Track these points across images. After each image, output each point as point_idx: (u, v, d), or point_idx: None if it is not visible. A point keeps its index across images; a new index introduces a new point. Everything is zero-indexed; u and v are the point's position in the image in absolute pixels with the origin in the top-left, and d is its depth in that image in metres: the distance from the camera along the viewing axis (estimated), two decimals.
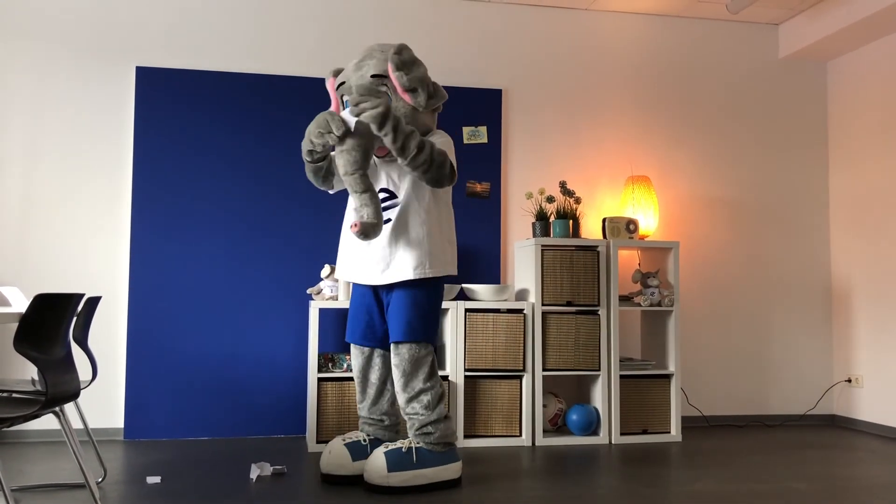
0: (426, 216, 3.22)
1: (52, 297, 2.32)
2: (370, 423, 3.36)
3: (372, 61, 3.17)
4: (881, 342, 4.64)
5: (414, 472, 3.10)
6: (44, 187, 4.22)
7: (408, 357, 3.19)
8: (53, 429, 4.12)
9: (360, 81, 3.14)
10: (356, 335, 3.34)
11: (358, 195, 3.00)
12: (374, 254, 3.20)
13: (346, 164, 3.00)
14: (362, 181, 3.02)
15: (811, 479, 3.37)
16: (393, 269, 3.18)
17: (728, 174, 4.99)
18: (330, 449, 3.24)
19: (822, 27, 4.69)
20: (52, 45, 4.26)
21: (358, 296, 3.35)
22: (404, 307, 3.20)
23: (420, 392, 3.18)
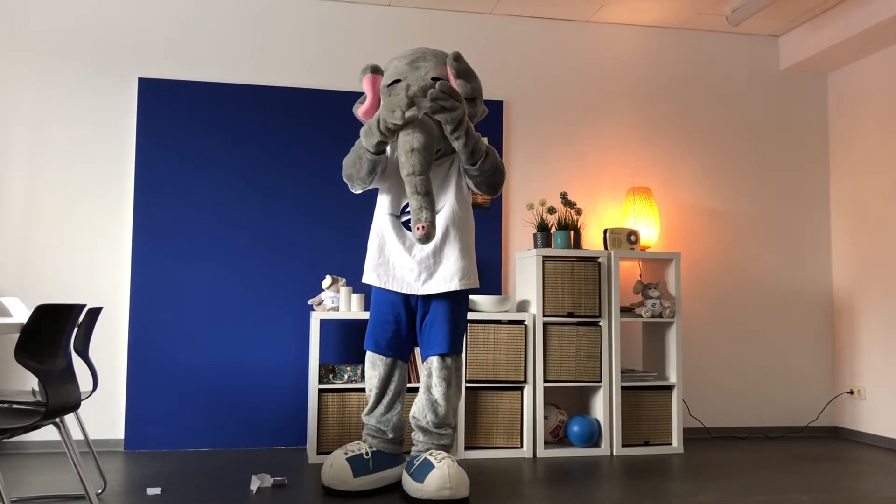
0: (466, 227, 3.24)
1: (53, 308, 2.32)
2: (375, 435, 3.29)
3: (427, 63, 3.13)
4: (884, 353, 4.63)
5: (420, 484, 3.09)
6: (46, 198, 4.23)
7: (454, 368, 3.22)
8: (54, 440, 4.11)
9: (422, 83, 3.08)
10: (381, 345, 3.26)
11: (421, 197, 2.93)
12: (417, 262, 3.17)
13: (417, 164, 2.94)
14: (428, 182, 2.97)
15: (814, 492, 3.35)
16: (439, 280, 3.17)
17: (729, 185, 5.00)
18: (332, 462, 3.17)
19: (822, 39, 4.71)
20: (54, 57, 4.28)
21: (387, 304, 3.27)
22: (448, 318, 3.19)
23: (456, 404, 3.26)
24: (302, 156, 4.45)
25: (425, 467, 3.06)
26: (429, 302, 3.22)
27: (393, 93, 3.13)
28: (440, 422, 3.21)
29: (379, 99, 3.21)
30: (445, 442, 3.24)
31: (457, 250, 3.19)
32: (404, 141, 2.98)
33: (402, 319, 3.26)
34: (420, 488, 3.00)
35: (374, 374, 3.28)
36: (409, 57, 3.17)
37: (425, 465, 3.07)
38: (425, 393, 3.24)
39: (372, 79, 3.21)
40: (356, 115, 3.29)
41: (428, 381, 3.23)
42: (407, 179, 2.97)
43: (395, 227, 3.22)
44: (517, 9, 4.70)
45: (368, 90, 3.22)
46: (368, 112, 3.25)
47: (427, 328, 3.23)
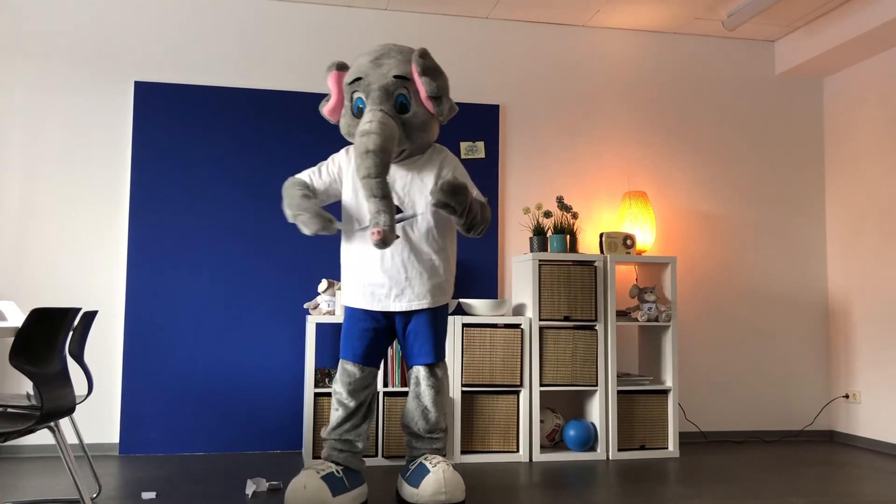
0: (441, 238, 3.16)
1: (48, 312, 2.31)
2: (343, 449, 3.09)
3: (391, 60, 3.04)
4: (879, 358, 4.64)
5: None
6: (42, 201, 4.22)
7: (442, 376, 3.19)
8: (48, 444, 4.10)
9: (383, 81, 3.00)
10: (359, 354, 3.14)
11: (378, 200, 2.85)
12: (389, 277, 3.07)
13: (373, 166, 2.84)
14: (385, 185, 2.87)
15: (810, 496, 3.35)
16: (411, 297, 3.09)
17: (725, 189, 5.01)
18: (304, 483, 2.86)
19: (818, 44, 4.72)
20: (50, 61, 4.28)
21: (364, 317, 3.16)
22: (431, 330, 3.15)
23: (446, 408, 3.23)
24: (298, 160, 4.44)
25: (421, 472, 3.01)
26: (410, 316, 3.15)
27: (358, 90, 3.04)
28: (432, 427, 3.17)
29: (342, 97, 3.13)
30: (439, 446, 3.20)
31: (429, 266, 3.11)
32: (360, 142, 2.88)
33: (382, 328, 3.17)
34: (416, 493, 2.97)
35: (349, 385, 3.12)
36: (373, 54, 3.08)
37: (420, 469, 3.03)
38: (414, 401, 3.18)
39: (337, 76, 3.14)
40: (323, 113, 3.22)
41: (416, 389, 3.18)
42: (363, 182, 2.88)
43: (366, 242, 3.09)
44: (514, 13, 4.71)
45: (333, 88, 3.14)
46: (334, 110, 3.18)
47: (411, 338, 3.16)
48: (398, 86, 3.02)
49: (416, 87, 3.06)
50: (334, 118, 3.22)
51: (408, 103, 3.05)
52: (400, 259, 3.08)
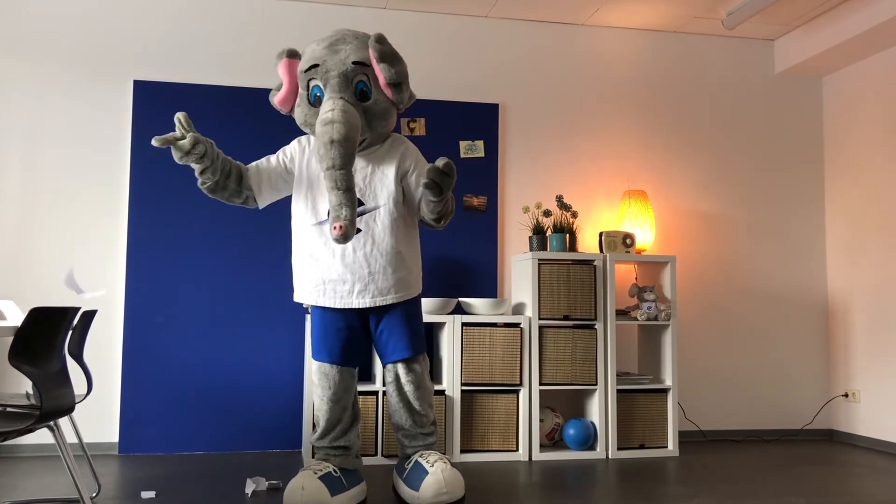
0: (405, 230, 3.04)
1: (47, 311, 2.31)
2: (337, 455, 3.05)
3: (348, 46, 2.91)
4: (878, 357, 4.64)
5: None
6: (40, 200, 4.21)
7: (421, 370, 3.09)
8: (48, 443, 4.10)
9: (342, 68, 2.86)
10: (336, 354, 3.02)
11: (342, 193, 2.70)
12: (351, 273, 2.94)
13: (338, 156, 2.70)
14: (350, 178, 2.73)
15: (809, 495, 3.35)
16: (374, 292, 2.96)
17: (724, 189, 5.01)
18: (302, 484, 2.81)
19: (817, 43, 4.72)
20: (49, 59, 4.27)
21: (333, 316, 3.04)
22: (405, 323, 3.05)
23: (431, 400, 3.15)
24: None
25: (418, 472, 2.95)
26: (382, 312, 3.04)
27: (315, 77, 2.89)
28: (420, 423, 3.12)
29: (296, 86, 2.98)
30: (431, 440, 3.14)
31: (393, 260, 2.97)
32: (323, 132, 2.74)
33: (355, 327, 3.05)
34: (416, 496, 2.90)
35: (324, 386, 3.03)
36: (328, 40, 2.93)
37: (418, 469, 2.97)
38: (398, 400, 3.10)
39: (288, 63, 2.98)
40: (273, 103, 3.07)
41: (396, 387, 3.09)
42: (326, 174, 2.73)
43: (325, 237, 2.97)
44: (513, 12, 4.71)
45: (284, 76, 2.99)
46: (286, 100, 3.03)
47: (384, 334, 3.05)
48: (357, 72, 2.89)
49: (375, 74, 2.93)
50: (286, 108, 3.07)
51: (368, 90, 2.92)
52: (362, 253, 2.94)
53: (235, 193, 2.99)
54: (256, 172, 3.04)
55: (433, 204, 2.91)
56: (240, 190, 2.99)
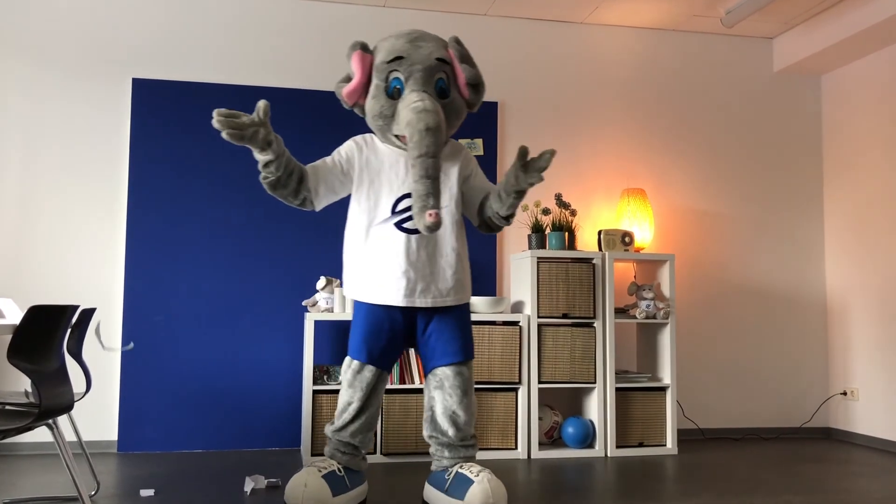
0: (461, 234, 3.05)
1: (46, 309, 2.31)
2: (346, 451, 2.99)
3: (429, 44, 2.91)
4: (877, 355, 4.65)
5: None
6: (39, 198, 4.21)
7: (469, 376, 3.03)
8: (47, 441, 4.09)
9: (428, 63, 2.86)
10: (375, 355, 2.96)
11: (431, 182, 2.68)
12: (416, 271, 2.91)
13: (432, 144, 2.70)
14: (439, 166, 2.72)
15: (807, 493, 3.36)
16: (436, 293, 2.95)
17: (723, 187, 5.01)
18: (305, 482, 2.80)
19: (816, 41, 4.72)
20: (48, 57, 4.27)
21: (382, 313, 2.98)
22: (457, 327, 3.01)
23: (475, 411, 3.07)
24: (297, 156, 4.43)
25: (462, 483, 2.87)
26: (431, 312, 2.99)
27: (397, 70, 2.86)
28: (464, 434, 3.02)
29: (369, 78, 2.94)
30: (472, 453, 3.04)
31: (453, 261, 2.98)
32: (417, 118, 2.72)
33: (399, 331, 3.00)
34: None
35: (358, 387, 2.96)
36: (407, 36, 2.93)
37: (461, 480, 2.89)
38: (440, 406, 3.01)
39: (361, 56, 2.92)
40: (340, 95, 2.98)
41: (441, 393, 3.00)
42: (417, 161, 2.69)
43: (388, 234, 2.93)
44: (512, 10, 4.71)
45: (357, 68, 2.92)
46: (354, 92, 2.95)
47: (434, 337, 3.00)
48: (439, 69, 2.89)
49: (456, 73, 2.96)
50: (351, 100, 2.98)
51: (447, 89, 2.93)
52: (425, 253, 2.93)
53: (294, 193, 2.92)
54: (314, 174, 2.98)
55: (507, 206, 2.94)
56: (299, 190, 2.92)
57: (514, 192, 2.91)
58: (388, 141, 3.00)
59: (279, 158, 2.80)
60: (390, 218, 2.95)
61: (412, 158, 2.73)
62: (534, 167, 2.84)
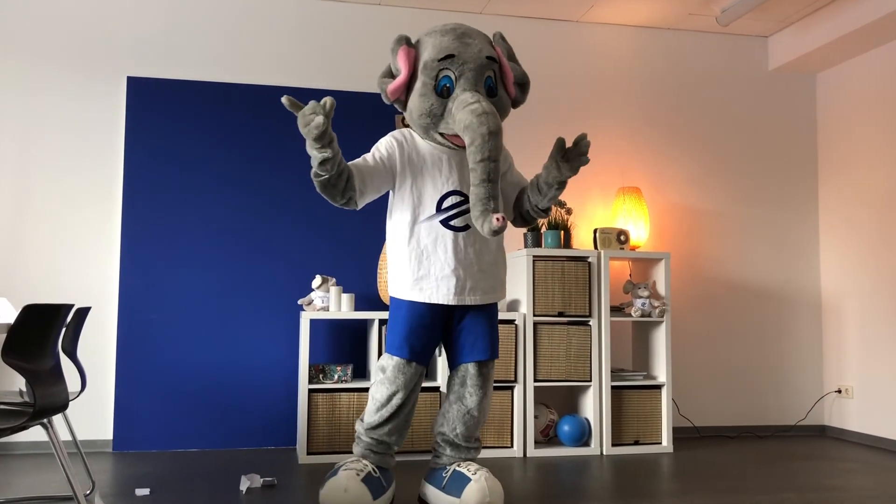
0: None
1: (40, 308, 2.30)
2: (378, 452, 2.96)
3: (477, 41, 2.85)
4: (871, 353, 4.66)
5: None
6: (34, 197, 4.20)
7: (491, 376, 3.03)
8: (41, 441, 4.09)
9: (479, 62, 2.81)
10: (417, 351, 2.92)
11: (492, 185, 2.67)
12: (465, 269, 2.90)
13: (494, 148, 2.68)
14: (498, 170, 2.71)
15: (802, 490, 3.37)
16: (486, 289, 2.96)
17: (718, 185, 5.02)
18: (345, 486, 2.76)
19: (811, 40, 4.73)
20: (42, 55, 4.25)
21: (426, 311, 2.94)
22: (490, 325, 3.00)
23: (487, 416, 3.06)
24: (293, 156, 4.44)
25: (460, 480, 2.88)
26: (468, 308, 2.98)
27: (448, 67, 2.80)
28: (470, 434, 3.00)
29: (414, 74, 2.85)
30: (473, 455, 3.04)
31: (494, 260, 3.00)
32: (479, 122, 2.67)
33: (437, 328, 2.97)
34: (458, 503, 2.85)
35: (399, 382, 2.90)
36: (453, 32, 2.85)
37: (458, 477, 2.89)
38: (457, 403, 2.99)
39: (408, 51, 2.84)
40: (385, 91, 2.88)
41: (461, 390, 2.98)
42: (479, 166, 2.66)
43: (435, 232, 2.90)
44: (508, 8, 4.71)
45: (403, 65, 2.83)
46: (400, 88, 2.86)
47: (464, 334, 2.98)
48: (489, 67, 2.84)
49: (504, 71, 2.91)
50: (395, 96, 2.89)
51: (494, 87, 2.88)
52: (472, 250, 2.92)
53: (342, 193, 2.79)
54: (358, 173, 2.85)
55: (557, 192, 2.91)
56: (346, 189, 2.80)
57: (556, 183, 2.89)
58: (430, 138, 2.94)
59: (335, 157, 2.69)
60: (436, 215, 2.91)
61: (473, 162, 2.69)
62: (575, 153, 2.83)
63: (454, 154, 2.94)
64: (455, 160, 2.94)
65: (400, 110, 2.99)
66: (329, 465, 3.80)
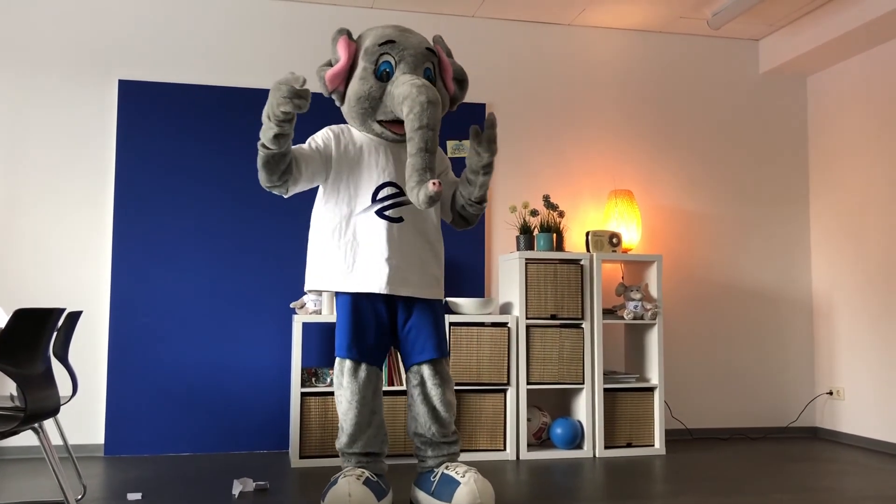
0: (438, 229, 3.06)
1: (31, 312, 2.29)
2: (369, 461, 2.95)
3: (417, 35, 2.93)
4: (862, 354, 4.68)
5: None
6: (25, 201, 4.18)
7: (446, 372, 3.02)
8: (32, 445, 4.07)
9: (419, 49, 2.87)
10: (364, 352, 2.91)
11: (430, 156, 2.67)
12: (402, 258, 2.89)
13: (433, 117, 2.68)
14: (437, 141, 2.71)
15: (794, 492, 3.38)
16: (422, 284, 2.93)
17: (710, 188, 5.03)
18: (349, 492, 2.74)
19: (801, 43, 4.75)
20: (33, 58, 4.24)
21: (366, 306, 2.94)
22: (434, 323, 2.99)
23: (454, 409, 3.04)
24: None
25: (448, 484, 2.86)
26: (411, 305, 2.98)
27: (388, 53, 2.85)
28: (445, 430, 3.00)
29: (353, 61, 2.89)
30: (455, 449, 3.02)
31: (432, 255, 3.00)
32: (418, 92, 2.70)
33: (384, 323, 2.97)
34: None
35: (353, 388, 2.91)
36: (395, 26, 2.95)
37: (447, 481, 2.88)
38: (422, 404, 2.98)
39: (347, 42, 2.90)
40: (323, 79, 2.91)
41: (421, 390, 2.99)
42: (416, 134, 2.66)
43: (370, 223, 2.91)
44: (500, 12, 4.71)
45: (343, 52, 2.88)
46: (338, 76, 2.89)
47: (412, 333, 2.98)
48: (428, 58, 2.90)
49: (443, 66, 2.98)
50: (333, 85, 2.91)
51: (433, 78, 2.93)
52: (408, 241, 2.92)
53: (280, 174, 2.80)
54: (298, 159, 2.86)
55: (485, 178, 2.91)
56: (285, 171, 2.81)
57: (480, 169, 2.90)
58: (367, 128, 2.96)
59: (289, 136, 2.74)
60: (371, 206, 2.92)
61: (410, 131, 2.69)
62: (484, 138, 2.87)
63: (391, 145, 2.98)
64: (392, 151, 2.97)
65: (337, 103, 2.99)
66: (322, 469, 3.79)
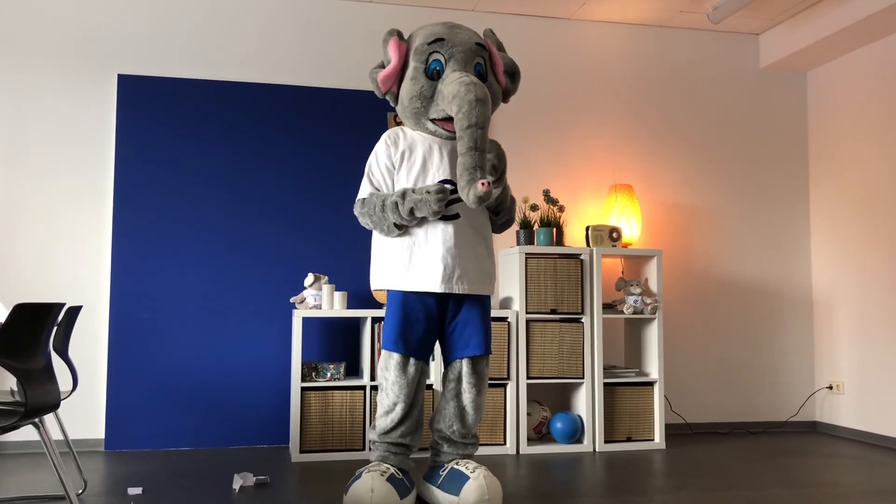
0: (488, 227, 3.07)
1: (32, 307, 2.29)
2: (397, 453, 2.93)
3: (467, 30, 2.94)
4: (862, 349, 4.68)
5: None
6: (25, 196, 4.18)
7: (485, 372, 3.01)
8: (33, 440, 4.07)
9: (468, 46, 2.88)
10: (413, 346, 2.90)
11: (480, 154, 2.69)
12: (454, 257, 2.88)
13: (483, 115, 2.70)
14: (487, 139, 2.73)
15: (794, 486, 3.38)
16: (475, 279, 2.93)
17: (710, 183, 5.03)
18: (371, 487, 2.73)
19: (802, 37, 4.74)
20: (32, 53, 4.23)
21: (417, 301, 2.93)
22: (483, 319, 2.99)
23: (483, 412, 3.05)
24: (284, 154, 4.43)
25: (457, 478, 2.86)
26: (461, 300, 2.96)
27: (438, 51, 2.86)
28: (467, 431, 2.99)
29: (405, 63, 2.92)
30: (471, 452, 3.02)
31: (484, 252, 2.99)
32: (467, 90, 2.72)
33: (434, 320, 2.95)
34: (456, 501, 2.81)
35: (401, 382, 2.88)
36: (444, 24, 2.96)
37: (456, 475, 2.88)
38: (453, 400, 2.98)
39: (398, 42, 2.92)
40: (376, 81, 2.94)
41: (457, 387, 2.98)
42: (466, 133, 2.69)
43: (427, 221, 2.91)
44: (499, 6, 4.71)
45: (394, 54, 2.91)
46: (391, 77, 2.92)
47: (458, 328, 2.97)
48: (478, 53, 2.90)
49: (493, 60, 2.98)
50: (386, 86, 2.95)
51: (484, 73, 2.92)
52: (463, 239, 2.91)
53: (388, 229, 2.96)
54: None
55: (502, 213, 3.02)
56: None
57: (494, 210, 3.02)
58: (420, 127, 2.98)
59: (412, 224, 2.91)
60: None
61: (460, 130, 2.72)
62: (490, 169, 2.88)
63: (445, 143, 2.98)
64: (446, 149, 2.97)
65: (392, 104, 3.02)
66: (322, 464, 3.80)
